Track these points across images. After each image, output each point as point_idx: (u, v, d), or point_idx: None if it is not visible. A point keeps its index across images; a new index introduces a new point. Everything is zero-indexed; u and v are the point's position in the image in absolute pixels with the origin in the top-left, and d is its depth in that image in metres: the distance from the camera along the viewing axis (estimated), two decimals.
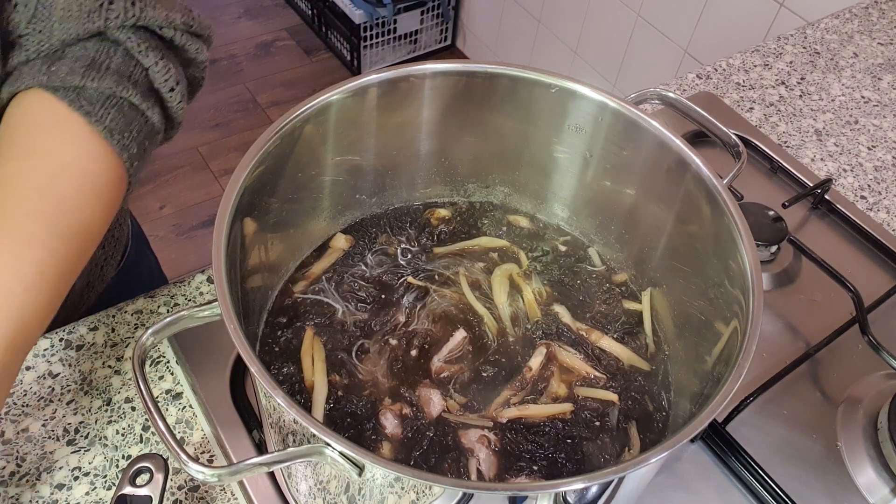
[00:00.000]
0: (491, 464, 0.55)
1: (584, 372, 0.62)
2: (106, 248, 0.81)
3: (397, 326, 0.63)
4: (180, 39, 0.60)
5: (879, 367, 0.73)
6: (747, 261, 0.52)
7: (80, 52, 0.56)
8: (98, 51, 0.56)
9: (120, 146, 0.56)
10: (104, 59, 0.56)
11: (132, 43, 0.57)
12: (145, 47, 0.57)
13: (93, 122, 0.55)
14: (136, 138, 0.58)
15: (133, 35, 0.57)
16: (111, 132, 0.55)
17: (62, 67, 0.55)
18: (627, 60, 2.06)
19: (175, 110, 0.62)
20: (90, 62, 0.55)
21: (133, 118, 0.57)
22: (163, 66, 0.58)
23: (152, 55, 0.58)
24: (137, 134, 0.58)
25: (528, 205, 0.74)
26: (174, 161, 2.38)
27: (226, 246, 0.49)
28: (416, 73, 0.62)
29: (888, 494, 0.65)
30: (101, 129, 0.55)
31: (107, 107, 0.55)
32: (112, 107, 0.56)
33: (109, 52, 0.56)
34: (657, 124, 0.60)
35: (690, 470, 0.66)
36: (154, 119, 0.59)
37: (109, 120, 0.55)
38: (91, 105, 0.55)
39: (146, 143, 0.59)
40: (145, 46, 0.57)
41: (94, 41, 0.56)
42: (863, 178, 0.95)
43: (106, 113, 0.55)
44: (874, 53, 1.13)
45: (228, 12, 2.95)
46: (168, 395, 0.67)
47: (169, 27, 0.59)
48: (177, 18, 0.59)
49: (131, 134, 0.57)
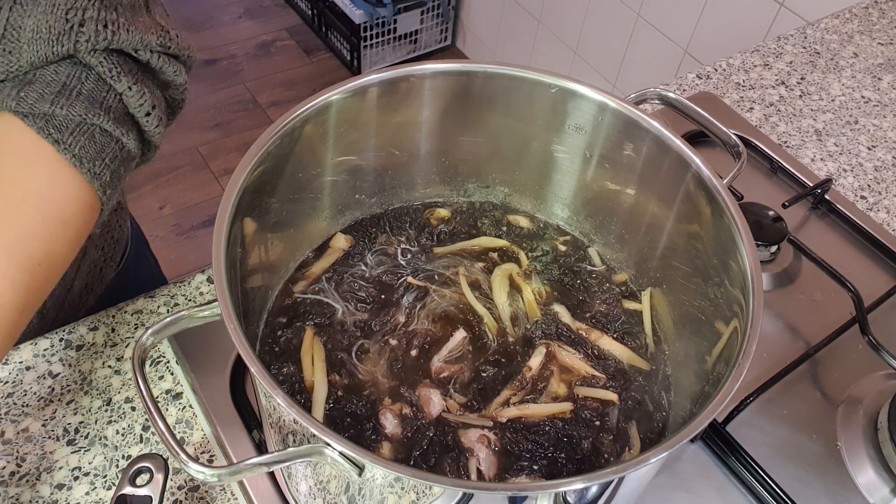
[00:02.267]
0: (491, 463, 0.55)
1: (584, 371, 0.62)
2: (105, 249, 0.81)
3: (397, 326, 0.63)
4: (157, 62, 0.58)
5: (879, 367, 0.73)
6: (747, 261, 0.52)
7: (51, 77, 0.54)
8: (69, 76, 0.54)
9: (90, 174, 0.54)
10: (75, 84, 0.54)
11: (103, 67, 0.55)
12: (117, 72, 0.55)
13: (61, 149, 0.53)
14: (109, 166, 0.56)
15: (104, 59, 0.55)
16: (80, 160, 0.54)
17: (32, 93, 0.53)
18: (627, 60, 2.06)
19: (152, 135, 0.60)
20: (61, 88, 0.53)
21: (105, 145, 0.55)
22: (136, 91, 0.56)
23: (125, 80, 0.55)
24: (111, 162, 0.56)
25: (528, 205, 0.74)
26: (174, 161, 2.38)
27: (226, 246, 0.49)
28: (416, 73, 0.62)
29: (888, 494, 0.65)
30: (69, 157, 0.53)
31: (76, 134, 0.54)
32: (82, 134, 0.54)
33: (81, 77, 0.54)
34: (657, 124, 0.60)
35: (690, 470, 0.66)
36: (130, 145, 0.57)
37: (79, 148, 0.53)
38: (59, 132, 0.53)
39: (120, 169, 0.57)
40: (117, 71, 0.55)
41: (67, 65, 0.55)
42: (863, 178, 0.95)
43: (75, 140, 0.53)
44: (874, 53, 1.13)
45: (228, 12, 2.95)
46: (168, 395, 0.67)
47: (144, 50, 0.57)
48: (152, 41, 0.56)
49: (103, 161, 0.55)
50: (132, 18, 0.55)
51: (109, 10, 0.54)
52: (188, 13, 2.89)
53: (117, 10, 0.54)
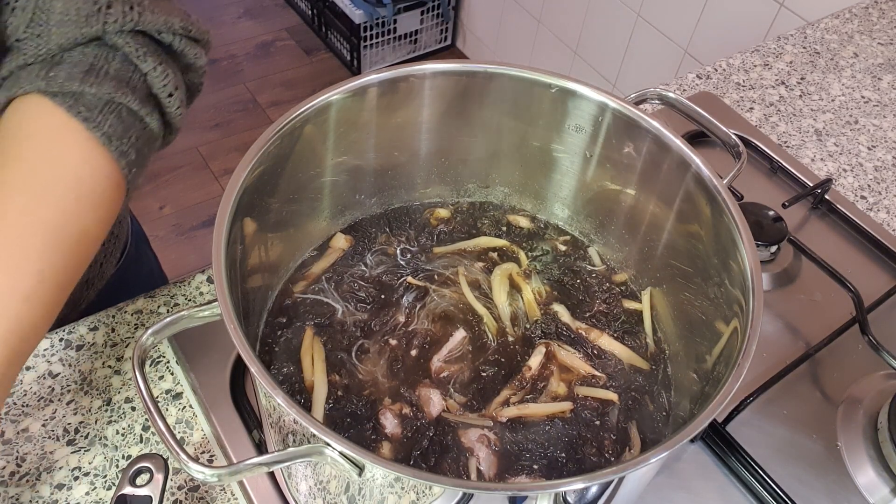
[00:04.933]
0: (491, 463, 0.55)
1: (584, 371, 0.62)
2: (105, 245, 0.81)
3: (397, 326, 0.63)
4: (179, 44, 0.59)
5: (879, 367, 0.73)
6: (747, 261, 0.52)
7: (79, 58, 0.55)
8: (97, 56, 0.55)
9: (118, 152, 0.55)
10: (103, 64, 0.55)
11: (130, 48, 0.56)
12: (143, 52, 0.57)
13: (91, 128, 0.54)
14: (135, 144, 0.57)
15: (131, 40, 0.56)
16: (109, 138, 0.55)
17: (60, 73, 0.54)
18: (627, 60, 2.06)
19: (173, 116, 0.61)
20: (89, 67, 0.55)
21: (131, 124, 0.57)
22: (161, 72, 0.58)
23: (151, 60, 0.57)
24: (136, 140, 0.57)
25: (528, 205, 0.74)
26: (174, 161, 2.38)
27: (226, 246, 0.49)
28: (416, 73, 0.62)
29: (888, 494, 0.65)
30: (99, 136, 0.54)
31: (105, 113, 0.55)
32: (110, 112, 0.55)
33: (108, 58, 0.56)
34: (657, 124, 0.60)
35: (690, 470, 0.66)
36: (153, 125, 0.58)
37: (108, 126, 0.55)
38: (89, 111, 0.54)
39: (145, 149, 0.58)
40: (143, 51, 0.57)
41: (93, 46, 0.56)
42: (863, 178, 0.95)
43: (104, 119, 0.54)
44: (874, 53, 1.13)
45: (228, 12, 2.95)
46: (168, 395, 0.67)
47: (167, 32, 0.58)
48: (175, 23, 0.58)
49: (129, 140, 0.56)
50: (156, 1, 0.57)
51: None
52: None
53: None
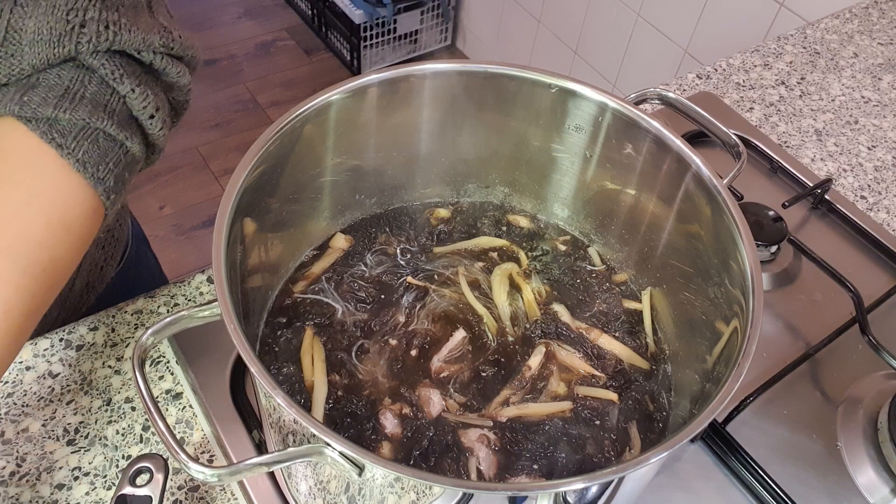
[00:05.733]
0: (491, 463, 0.55)
1: (584, 371, 0.62)
2: (106, 248, 0.81)
3: (397, 326, 0.63)
4: (160, 63, 0.57)
5: (879, 367, 0.73)
6: (747, 261, 0.52)
7: (55, 81, 0.53)
8: (73, 79, 0.53)
9: (94, 179, 0.53)
10: (79, 87, 0.53)
11: (106, 70, 0.54)
12: (120, 74, 0.54)
13: (65, 154, 0.52)
14: (113, 170, 0.55)
15: (107, 61, 0.54)
16: (84, 165, 0.53)
17: (35, 97, 0.52)
18: (627, 60, 2.06)
19: (156, 137, 0.59)
20: (64, 91, 0.53)
21: (109, 149, 0.55)
22: (140, 93, 0.56)
23: (128, 82, 0.55)
24: (115, 166, 0.55)
25: (528, 205, 0.74)
26: (174, 161, 2.38)
27: (226, 246, 0.49)
28: (416, 73, 0.62)
29: (888, 494, 0.65)
30: (73, 162, 0.52)
31: (80, 139, 0.53)
32: (85, 138, 0.53)
33: (84, 80, 0.54)
34: (657, 124, 0.60)
35: (690, 470, 0.66)
36: (133, 149, 0.57)
37: (82, 153, 0.53)
38: (63, 137, 0.52)
39: (124, 173, 0.57)
40: (120, 73, 0.54)
41: (70, 68, 0.54)
42: (863, 178, 0.95)
43: (79, 145, 0.53)
44: (874, 53, 1.13)
45: (228, 12, 2.95)
46: (168, 395, 0.67)
47: (147, 50, 0.56)
48: (155, 41, 0.56)
49: (107, 166, 0.54)
50: (134, 19, 0.55)
51: (111, 10, 0.53)
52: (188, 13, 2.89)
53: (119, 11, 0.54)
